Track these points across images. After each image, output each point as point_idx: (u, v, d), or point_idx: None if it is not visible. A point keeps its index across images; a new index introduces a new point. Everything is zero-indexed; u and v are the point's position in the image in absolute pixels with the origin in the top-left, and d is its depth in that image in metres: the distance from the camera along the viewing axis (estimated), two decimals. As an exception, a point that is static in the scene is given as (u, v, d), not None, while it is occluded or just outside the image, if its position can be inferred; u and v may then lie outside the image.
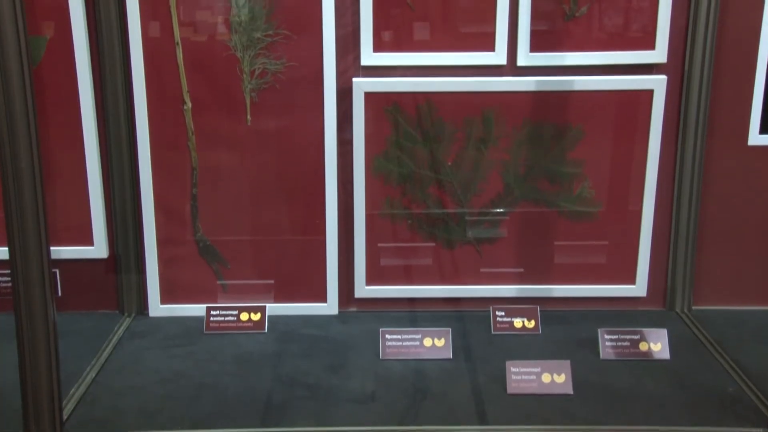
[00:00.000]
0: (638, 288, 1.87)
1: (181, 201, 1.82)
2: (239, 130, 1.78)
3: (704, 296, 1.90)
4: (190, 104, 1.77)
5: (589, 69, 1.76)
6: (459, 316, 1.86)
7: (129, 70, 1.73)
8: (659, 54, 1.74)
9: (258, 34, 1.74)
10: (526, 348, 1.70)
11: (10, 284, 1.25)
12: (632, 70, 1.76)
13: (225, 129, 1.78)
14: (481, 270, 1.87)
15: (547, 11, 1.73)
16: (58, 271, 1.84)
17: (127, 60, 1.73)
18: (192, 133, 1.78)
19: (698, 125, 1.76)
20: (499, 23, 1.73)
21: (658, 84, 1.75)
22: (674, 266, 1.87)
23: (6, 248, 1.22)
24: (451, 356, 1.64)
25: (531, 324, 1.77)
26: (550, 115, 1.78)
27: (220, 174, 1.81)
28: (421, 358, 1.63)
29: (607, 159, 1.81)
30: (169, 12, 1.72)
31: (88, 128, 1.76)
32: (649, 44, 1.74)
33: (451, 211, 1.84)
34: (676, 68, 1.76)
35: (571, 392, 1.49)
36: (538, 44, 1.75)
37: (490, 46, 1.75)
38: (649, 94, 1.75)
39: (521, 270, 1.87)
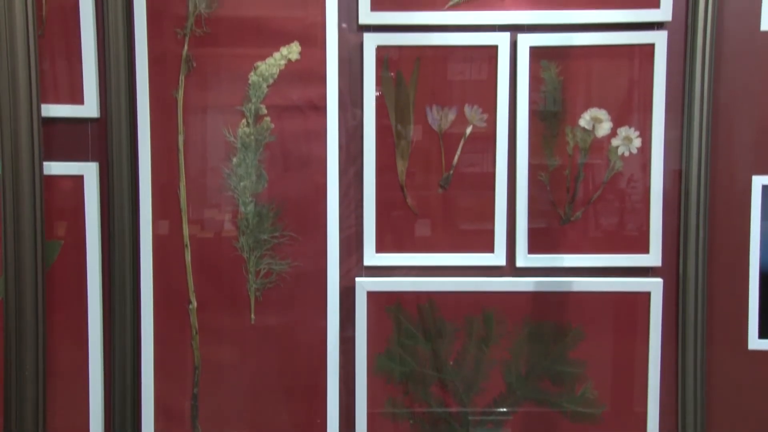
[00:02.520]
0: (648, 491, 1.82)
1: (181, 400, 1.81)
2: (243, 328, 1.81)
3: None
4: (195, 303, 1.80)
5: (587, 271, 1.80)
6: None
7: (138, 270, 1.78)
8: (654, 258, 1.79)
9: (265, 236, 1.80)
10: None
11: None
12: (629, 272, 1.80)
13: (229, 328, 1.81)
14: (485, 471, 1.83)
15: (544, 215, 1.80)
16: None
17: (136, 260, 1.78)
18: (196, 332, 1.80)
19: (697, 329, 1.78)
20: (497, 226, 1.80)
21: (654, 287, 1.78)
22: (683, 468, 1.83)
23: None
24: None
25: None
26: (550, 315, 1.80)
27: (222, 372, 1.81)
28: None
29: (609, 360, 1.81)
30: (180, 213, 1.79)
31: (94, 327, 1.79)
32: (644, 248, 1.80)
33: (453, 410, 1.82)
34: (672, 271, 1.81)
35: None
36: (535, 246, 1.80)
37: (489, 247, 1.81)
38: (646, 296, 1.79)
39: (526, 471, 1.83)
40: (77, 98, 1.74)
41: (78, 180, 1.76)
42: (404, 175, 1.80)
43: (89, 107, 1.75)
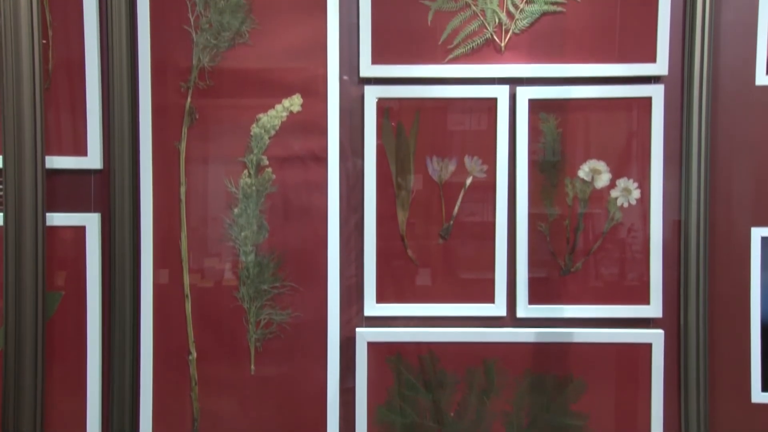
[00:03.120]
0: None
1: (180, 453, 1.79)
2: (243, 379, 1.80)
3: None
4: (195, 354, 1.79)
5: (588, 322, 1.80)
6: None
7: (138, 321, 1.77)
8: (654, 309, 1.79)
9: (265, 286, 1.80)
10: None
11: None
12: (630, 323, 1.80)
13: (229, 379, 1.80)
14: None
15: (544, 265, 1.80)
16: None
17: (136, 310, 1.78)
18: (195, 384, 1.79)
19: (699, 381, 1.77)
20: (498, 276, 1.80)
21: (655, 338, 1.78)
22: None
23: None
24: None
25: None
26: (551, 366, 1.80)
27: (222, 424, 1.80)
28: None
29: (611, 412, 1.80)
30: (181, 263, 1.79)
31: (93, 378, 1.78)
32: (644, 299, 1.80)
33: (454, 463, 1.80)
34: (673, 322, 1.80)
35: None
36: (536, 296, 1.80)
37: (490, 297, 1.81)
38: (647, 347, 1.78)
39: None
40: (81, 150, 1.76)
41: (80, 231, 1.76)
42: (405, 225, 1.81)
43: (92, 159, 1.76)
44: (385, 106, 1.79)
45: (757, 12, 1.77)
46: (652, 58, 1.76)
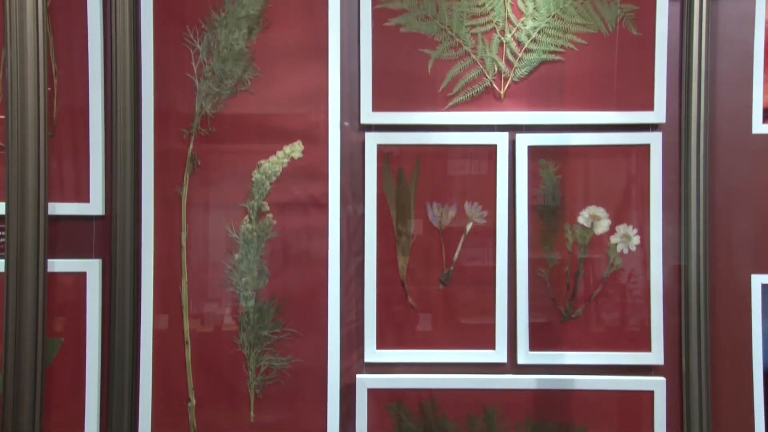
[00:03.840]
0: None
1: (178, 502, 1.77)
2: (242, 426, 1.78)
3: None
4: (194, 401, 1.78)
5: (589, 368, 1.79)
6: None
7: (137, 367, 1.77)
8: (656, 356, 1.78)
9: (265, 332, 1.79)
10: None
11: None
12: (632, 370, 1.79)
13: (228, 426, 1.78)
14: None
15: (545, 311, 1.80)
16: None
17: (136, 357, 1.77)
18: (194, 431, 1.78)
19: (702, 428, 1.75)
20: (498, 322, 1.80)
21: (657, 386, 1.77)
22: None
23: None
24: None
25: None
26: (552, 413, 1.78)
27: (220, 472, 1.78)
28: None
29: (614, 461, 1.78)
30: (181, 309, 1.79)
31: (91, 425, 1.76)
32: (646, 345, 1.79)
33: None
34: (674, 369, 1.79)
35: None
36: (537, 343, 1.80)
37: (490, 343, 1.80)
38: (649, 395, 1.77)
39: None
40: (83, 196, 1.77)
41: (80, 277, 1.77)
42: (405, 270, 1.81)
43: (95, 205, 1.77)
44: (385, 152, 1.80)
45: (752, 61, 1.79)
46: (649, 106, 1.78)
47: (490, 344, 1.80)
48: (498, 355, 1.80)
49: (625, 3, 1.79)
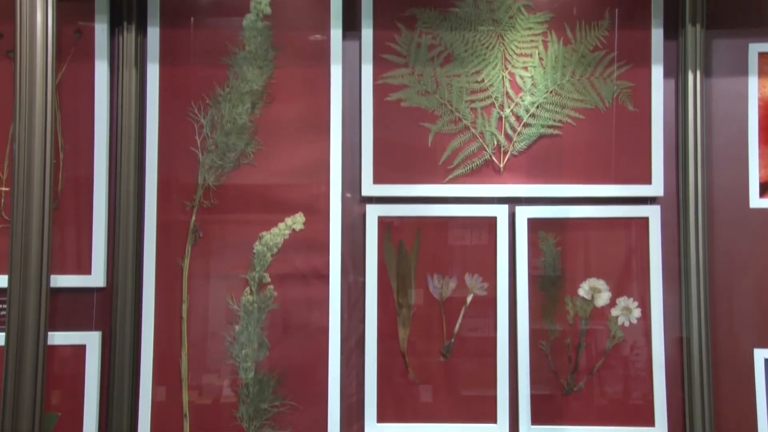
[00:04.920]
0: None
1: None
2: (239, 503, 1.75)
3: None
4: (192, 477, 1.76)
5: (592, 443, 1.77)
6: None
7: (135, 441, 1.75)
8: (660, 431, 1.76)
9: (265, 405, 1.78)
10: None
11: None
12: (635, 443, 1.77)
13: (225, 503, 1.75)
14: None
15: (547, 384, 1.79)
16: None
17: (134, 430, 1.75)
18: None
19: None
20: (500, 395, 1.78)
21: (661, 461, 1.75)
22: None
23: None
24: None
25: None
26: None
27: None
28: None
29: None
30: (180, 382, 1.78)
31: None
32: (649, 419, 1.77)
33: None
34: (678, 441, 1.78)
35: None
36: (538, 417, 1.78)
37: (492, 417, 1.78)
38: (654, 469, 1.75)
39: None
40: (85, 268, 1.78)
41: (80, 349, 1.76)
42: (405, 343, 1.80)
43: (96, 277, 1.78)
44: (386, 224, 1.82)
45: (747, 138, 1.82)
46: (647, 179, 1.81)
47: (492, 418, 1.78)
48: (499, 429, 1.78)
49: (621, 79, 1.83)
